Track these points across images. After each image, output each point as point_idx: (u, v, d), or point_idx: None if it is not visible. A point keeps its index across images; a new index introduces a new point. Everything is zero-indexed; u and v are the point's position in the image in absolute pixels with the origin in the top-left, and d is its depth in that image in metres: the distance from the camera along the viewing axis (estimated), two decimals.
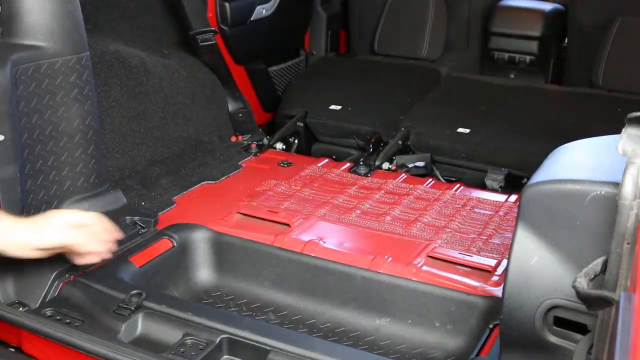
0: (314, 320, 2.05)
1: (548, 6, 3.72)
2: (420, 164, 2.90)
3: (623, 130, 1.11)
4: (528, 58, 3.64)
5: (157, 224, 2.27)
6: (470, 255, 2.12)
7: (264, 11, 3.32)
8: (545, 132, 2.85)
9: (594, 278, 1.15)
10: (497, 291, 1.92)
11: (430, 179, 2.76)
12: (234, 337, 1.68)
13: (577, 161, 1.50)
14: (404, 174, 2.78)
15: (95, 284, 1.90)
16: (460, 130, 2.97)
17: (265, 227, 2.30)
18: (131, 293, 1.82)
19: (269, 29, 3.38)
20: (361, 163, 2.84)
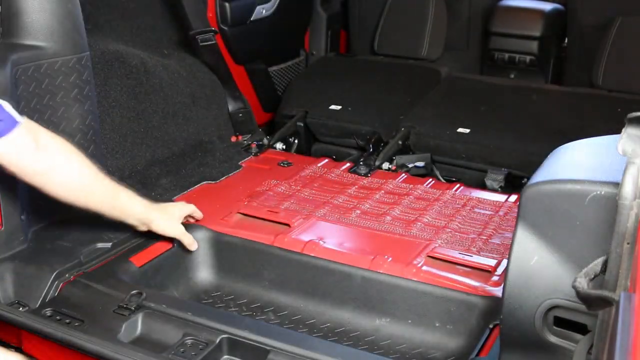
0: (314, 320, 2.05)
1: (548, 6, 3.72)
2: (420, 164, 2.90)
3: (623, 130, 1.11)
4: (528, 58, 3.64)
5: None
6: (470, 255, 2.12)
7: (264, 11, 3.32)
8: (545, 132, 2.84)
9: (594, 278, 1.15)
10: (497, 291, 1.92)
11: (430, 179, 2.76)
12: (234, 337, 1.68)
13: (577, 161, 1.49)
14: (404, 174, 2.78)
15: (95, 284, 1.90)
16: (460, 130, 2.96)
17: (265, 227, 2.30)
18: (131, 293, 1.82)
19: (269, 29, 3.38)
20: (361, 163, 2.84)
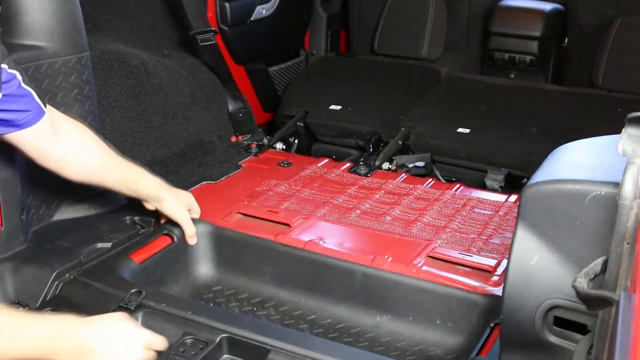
0: (315, 316, 2.05)
1: (548, 6, 3.72)
2: (420, 164, 2.90)
3: (623, 130, 1.11)
4: (528, 58, 3.64)
5: (158, 223, 2.27)
6: (470, 255, 2.12)
7: (264, 11, 3.32)
8: (545, 132, 2.85)
9: (594, 278, 1.15)
10: (497, 291, 1.92)
11: (430, 179, 2.75)
12: (234, 336, 1.68)
13: (577, 161, 1.49)
14: (404, 174, 2.78)
15: (95, 282, 1.90)
16: (460, 130, 2.96)
17: (265, 227, 2.29)
18: (131, 292, 1.82)
19: (269, 29, 3.38)
20: (361, 163, 2.84)
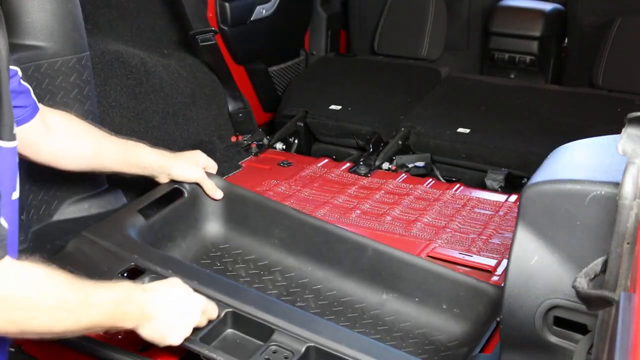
0: (320, 286, 2.00)
1: (548, 6, 3.72)
2: (420, 164, 2.90)
3: (623, 130, 1.11)
4: (528, 58, 3.64)
5: None
6: (470, 255, 2.12)
7: (264, 11, 3.31)
8: (545, 132, 2.84)
9: (594, 278, 1.15)
10: None
11: (430, 179, 2.76)
12: (239, 312, 1.64)
13: (577, 161, 1.49)
14: (404, 174, 2.78)
15: (101, 240, 1.83)
16: (460, 130, 2.96)
17: None
18: (137, 255, 1.76)
19: (269, 29, 3.38)
20: (361, 163, 2.84)
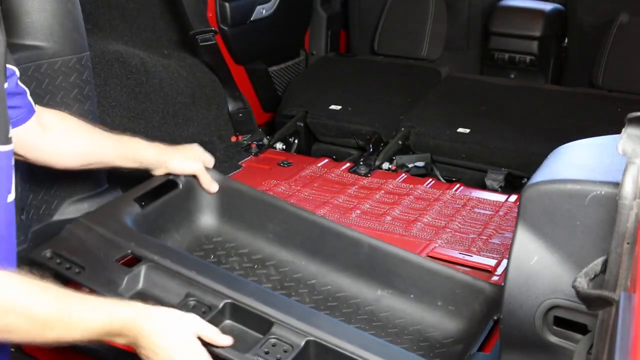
0: (315, 281, 1.99)
1: (548, 6, 3.72)
2: (420, 164, 2.90)
3: (623, 130, 1.11)
4: (528, 58, 3.64)
5: None
6: (470, 255, 2.12)
7: (264, 11, 3.31)
8: (545, 132, 2.84)
9: (594, 278, 1.15)
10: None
11: (430, 179, 2.76)
12: (238, 304, 1.62)
13: (577, 161, 1.49)
14: (404, 174, 2.78)
15: (97, 227, 1.81)
16: (460, 130, 2.96)
17: None
18: (134, 243, 1.75)
19: (269, 29, 3.38)
20: (361, 163, 2.84)
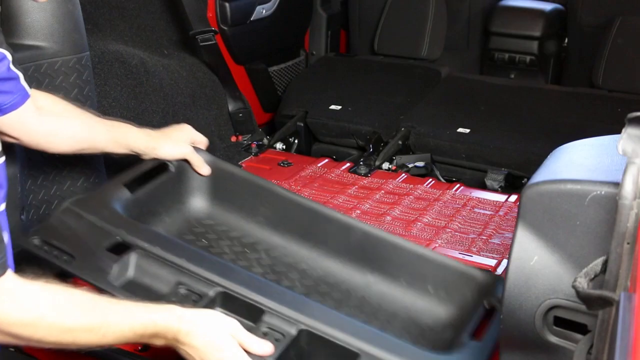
0: (306, 266, 1.97)
1: (548, 6, 3.72)
2: (420, 164, 2.90)
3: (623, 130, 1.11)
4: (528, 58, 3.65)
5: None
6: (470, 255, 2.13)
7: (264, 11, 3.31)
8: (545, 132, 2.85)
9: (594, 278, 1.15)
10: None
11: (430, 179, 2.76)
12: (229, 292, 1.60)
13: (577, 161, 1.49)
14: (404, 174, 2.78)
15: (87, 214, 1.78)
16: (460, 130, 2.96)
17: None
18: (124, 230, 1.72)
19: (269, 29, 3.38)
20: (361, 163, 2.84)
